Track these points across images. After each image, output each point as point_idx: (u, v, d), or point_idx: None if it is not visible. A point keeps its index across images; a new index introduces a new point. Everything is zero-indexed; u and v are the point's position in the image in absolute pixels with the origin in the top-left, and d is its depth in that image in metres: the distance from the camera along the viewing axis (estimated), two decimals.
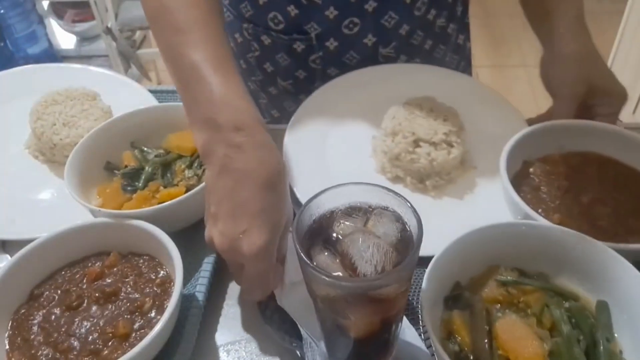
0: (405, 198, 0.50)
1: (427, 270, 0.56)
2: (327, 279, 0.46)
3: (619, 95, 0.78)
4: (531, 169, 0.73)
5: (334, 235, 0.50)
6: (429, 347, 0.59)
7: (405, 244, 0.49)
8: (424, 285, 0.56)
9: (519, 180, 0.71)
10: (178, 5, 0.65)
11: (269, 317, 0.62)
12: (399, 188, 0.78)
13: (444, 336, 0.57)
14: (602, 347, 0.55)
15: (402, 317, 0.55)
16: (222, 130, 0.57)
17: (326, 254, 0.48)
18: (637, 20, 2.23)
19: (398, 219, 0.50)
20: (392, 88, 0.88)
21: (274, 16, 0.90)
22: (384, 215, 0.50)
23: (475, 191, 0.78)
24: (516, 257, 0.62)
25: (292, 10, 0.88)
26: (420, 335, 0.60)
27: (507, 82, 2.74)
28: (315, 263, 0.47)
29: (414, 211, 0.49)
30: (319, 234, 0.50)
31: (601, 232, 0.63)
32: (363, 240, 0.48)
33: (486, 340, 0.55)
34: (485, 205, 0.75)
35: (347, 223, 0.50)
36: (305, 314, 0.59)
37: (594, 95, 0.77)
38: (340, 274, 0.47)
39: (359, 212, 0.51)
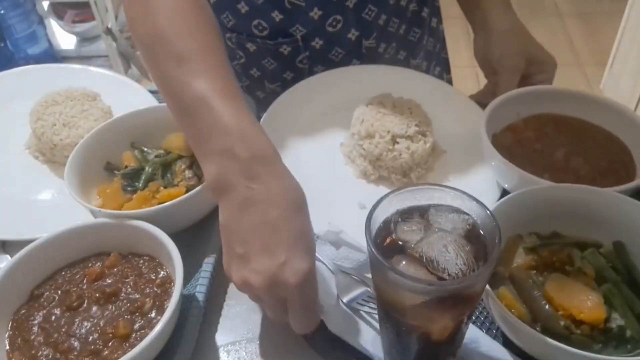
0: (457, 189, 0.49)
1: None
2: (428, 287, 0.44)
3: (551, 63, 0.87)
4: (502, 140, 0.77)
5: (405, 242, 0.48)
6: (479, 327, 0.60)
7: (475, 234, 0.48)
8: None
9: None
10: (175, 34, 0.61)
11: (322, 350, 0.60)
12: (385, 187, 0.78)
13: None
14: None
15: None
16: (239, 161, 0.54)
17: (404, 263, 0.46)
18: (637, 20, 2.23)
19: (456, 210, 0.49)
20: (343, 93, 0.88)
21: (258, 23, 0.90)
22: (443, 210, 0.49)
23: (454, 173, 0.80)
24: (530, 223, 0.64)
25: (277, 15, 0.88)
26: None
27: None
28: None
29: (472, 197, 0.48)
30: (387, 246, 0.48)
31: (586, 180, 0.67)
32: (438, 240, 0.47)
33: (547, 306, 0.55)
34: (470, 182, 0.77)
35: (411, 227, 0.49)
36: (352, 333, 0.59)
37: (531, 66, 0.85)
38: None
39: (417, 214, 0.49)
